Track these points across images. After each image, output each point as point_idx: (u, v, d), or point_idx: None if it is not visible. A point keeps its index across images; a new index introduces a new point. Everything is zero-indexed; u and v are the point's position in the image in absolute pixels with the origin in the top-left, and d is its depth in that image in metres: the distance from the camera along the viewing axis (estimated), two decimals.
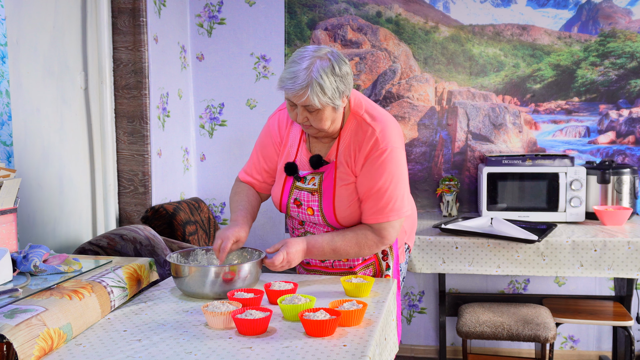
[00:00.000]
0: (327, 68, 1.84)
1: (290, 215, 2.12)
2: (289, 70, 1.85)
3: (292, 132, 2.10)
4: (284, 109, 2.14)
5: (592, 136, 3.56)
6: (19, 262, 1.72)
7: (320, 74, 1.82)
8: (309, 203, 2.03)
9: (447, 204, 3.48)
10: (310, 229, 2.10)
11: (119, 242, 2.38)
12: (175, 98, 3.55)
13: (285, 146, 2.11)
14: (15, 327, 1.34)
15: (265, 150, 2.17)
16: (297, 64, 1.84)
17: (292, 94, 1.85)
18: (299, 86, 1.82)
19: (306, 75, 1.82)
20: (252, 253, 2.01)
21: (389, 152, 1.93)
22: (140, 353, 1.42)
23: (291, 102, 1.89)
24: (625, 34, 3.49)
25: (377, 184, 1.93)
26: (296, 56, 1.88)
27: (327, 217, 2.01)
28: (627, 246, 2.88)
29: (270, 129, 2.15)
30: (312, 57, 1.85)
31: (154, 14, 3.23)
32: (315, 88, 1.82)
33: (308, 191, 2.03)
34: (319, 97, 1.83)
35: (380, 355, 1.61)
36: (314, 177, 2.03)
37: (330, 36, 3.67)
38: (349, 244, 1.97)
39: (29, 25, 2.42)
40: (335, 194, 1.98)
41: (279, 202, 2.10)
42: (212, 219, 3.57)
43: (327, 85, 1.83)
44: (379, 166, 1.93)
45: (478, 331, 2.97)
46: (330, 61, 1.85)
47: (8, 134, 2.19)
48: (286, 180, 2.08)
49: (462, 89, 3.62)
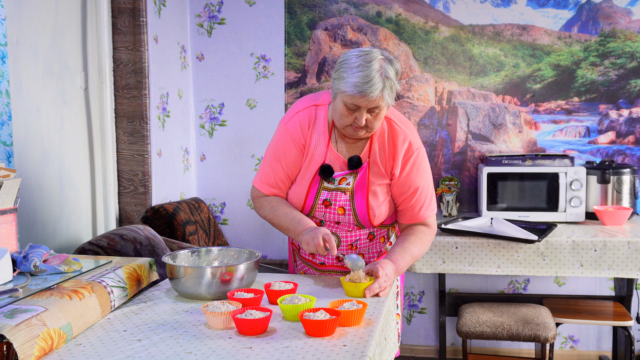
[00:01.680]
0: (390, 67, 1.89)
1: (314, 216, 2.11)
2: (360, 75, 1.85)
3: (315, 133, 2.06)
4: (300, 110, 2.09)
5: (592, 136, 3.56)
6: (19, 262, 1.72)
7: (389, 72, 1.88)
8: (340, 203, 2.06)
9: (447, 204, 3.48)
10: (332, 229, 2.10)
11: (119, 242, 2.38)
12: (175, 98, 3.55)
13: (309, 147, 2.07)
14: (15, 327, 1.34)
15: (289, 155, 2.08)
16: (366, 68, 1.85)
17: (369, 98, 1.85)
18: (377, 89, 1.85)
19: (381, 77, 1.86)
20: (248, 253, 2.01)
21: (421, 153, 2.05)
22: (140, 353, 1.42)
23: (356, 106, 1.89)
24: (625, 34, 3.49)
25: (419, 185, 2.05)
26: (357, 60, 1.88)
27: (360, 216, 2.05)
28: (627, 246, 2.88)
29: (292, 133, 2.07)
30: (376, 59, 1.87)
31: (154, 14, 3.23)
32: (387, 87, 1.87)
33: (341, 191, 2.05)
34: (389, 95, 1.89)
35: (380, 355, 1.61)
36: (346, 177, 2.06)
37: (330, 36, 3.67)
38: (419, 245, 2.04)
39: (29, 25, 2.42)
40: (369, 195, 2.03)
41: (304, 202, 2.08)
42: (212, 219, 3.57)
43: (395, 82, 1.90)
44: (416, 168, 2.04)
45: (478, 331, 2.97)
46: (389, 61, 1.90)
47: (8, 134, 2.19)
48: (313, 181, 2.06)
49: (462, 89, 3.62)
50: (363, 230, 2.11)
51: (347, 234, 2.11)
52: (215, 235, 3.52)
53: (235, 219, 3.83)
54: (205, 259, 2.02)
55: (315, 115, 2.06)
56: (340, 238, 2.11)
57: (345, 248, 2.12)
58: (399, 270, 1.95)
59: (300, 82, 3.72)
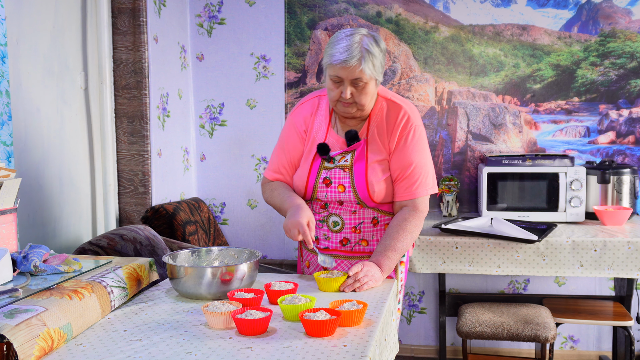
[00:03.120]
0: (373, 42, 2.00)
1: (317, 198, 2.14)
2: (340, 46, 1.97)
3: (317, 119, 2.18)
4: (305, 102, 2.23)
5: (592, 136, 3.56)
6: (19, 262, 1.72)
7: (371, 46, 1.98)
8: (340, 180, 2.09)
9: (447, 204, 3.48)
10: (335, 211, 2.14)
11: (119, 242, 2.38)
12: (175, 98, 3.55)
13: (310, 132, 2.17)
14: (15, 327, 1.34)
15: (290, 141, 2.21)
16: (347, 40, 1.97)
17: (347, 66, 1.95)
18: (355, 57, 1.95)
19: (360, 48, 1.96)
20: (248, 253, 2.01)
21: (419, 130, 2.10)
22: (140, 353, 1.42)
23: (339, 78, 1.99)
24: (625, 34, 3.49)
25: (415, 160, 2.08)
26: (341, 35, 2.00)
27: (360, 192, 2.08)
28: (627, 246, 2.88)
29: (294, 121, 2.21)
30: (358, 33, 1.99)
31: (154, 14, 3.23)
32: (367, 59, 1.96)
33: (340, 168, 2.10)
34: (370, 68, 1.97)
35: (380, 356, 1.61)
36: (344, 155, 2.11)
37: (330, 36, 3.67)
38: (402, 239, 2.04)
39: (29, 25, 2.42)
40: (368, 170, 2.07)
41: (306, 183, 2.13)
42: (212, 219, 3.57)
43: (377, 57, 1.99)
44: (414, 142, 2.08)
45: (478, 331, 2.97)
46: (373, 37, 2.02)
47: (8, 134, 2.19)
48: (314, 162, 2.14)
49: (462, 89, 3.62)
50: (367, 213, 2.12)
51: (351, 216, 2.13)
52: (215, 235, 3.52)
53: (235, 219, 3.83)
54: (205, 259, 2.02)
55: (318, 104, 2.20)
56: (344, 220, 2.13)
57: (349, 231, 2.14)
58: (385, 269, 1.99)
59: (300, 82, 3.72)
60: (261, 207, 3.79)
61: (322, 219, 2.17)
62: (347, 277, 1.91)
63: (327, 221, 2.16)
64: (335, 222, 2.14)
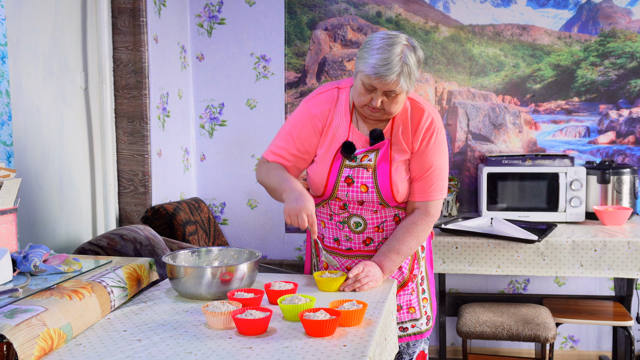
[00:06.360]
0: (413, 54, 1.92)
1: (336, 197, 2.09)
2: (380, 57, 1.88)
3: (336, 114, 2.09)
4: (324, 92, 2.12)
5: (592, 136, 3.57)
6: (19, 262, 1.72)
7: (410, 59, 1.90)
8: (363, 180, 2.04)
9: (447, 204, 3.48)
10: (356, 211, 2.09)
11: (119, 242, 2.38)
12: (175, 98, 3.55)
13: (330, 127, 2.08)
14: (15, 327, 1.34)
15: (303, 131, 2.09)
16: (388, 52, 1.88)
17: (385, 82, 1.89)
18: (395, 73, 1.88)
19: (400, 62, 1.88)
20: (248, 253, 2.01)
21: (441, 133, 2.07)
22: (140, 353, 1.42)
23: (372, 87, 1.93)
24: (625, 34, 3.49)
25: (435, 163, 2.05)
26: (381, 42, 1.91)
27: (384, 193, 2.04)
28: (627, 246, 2.88)
29: (312, 111, 2.09)
30: (399, 43, 1.90)
31: (154, 14, 3.23)
32: (405, 73, 1.90)
33: (363, 167, 2.05)
34: (407, 82, 1.91)
35: (380, 356, 1.61)
36: (368, 154, 2.06)
37: (330, 36, 3.67)
38: (408, 242, 2.03)
39: (29, 25, 2.42)
40: (392, 170, 2.03)
41: (326, 181, 2.07)
42: (212, 219, 3.57)
43: (413, 69, 1.92)
44: (436, 145, 2.05)
45: (478, 331, 2.98)
46: (414, 48, 1.94)
47: (8, 134, 2.19)
48: (334, 159, 2.07)
49: (462, 89, 3.62)
50: (388, 211, 2.09)
51: (372, 216, 2.08)
52: (215, 235, 3.52)
53: (235, 219, 3.83)
54: (205, 259, 2.02)
55: (338, 96, 2.10)
56: (367, 220, 2.09)
57: (372, 231, 2.10)
58: (386, 270, 1.99)
59: (300, 82, 3.72)
60: (261, 207, 3.79)
61: (343, 220, 2.11)
62: (347, 278, 1.90)
63: (348, 222, 2.10)
64: (357, 222, 2.10)
